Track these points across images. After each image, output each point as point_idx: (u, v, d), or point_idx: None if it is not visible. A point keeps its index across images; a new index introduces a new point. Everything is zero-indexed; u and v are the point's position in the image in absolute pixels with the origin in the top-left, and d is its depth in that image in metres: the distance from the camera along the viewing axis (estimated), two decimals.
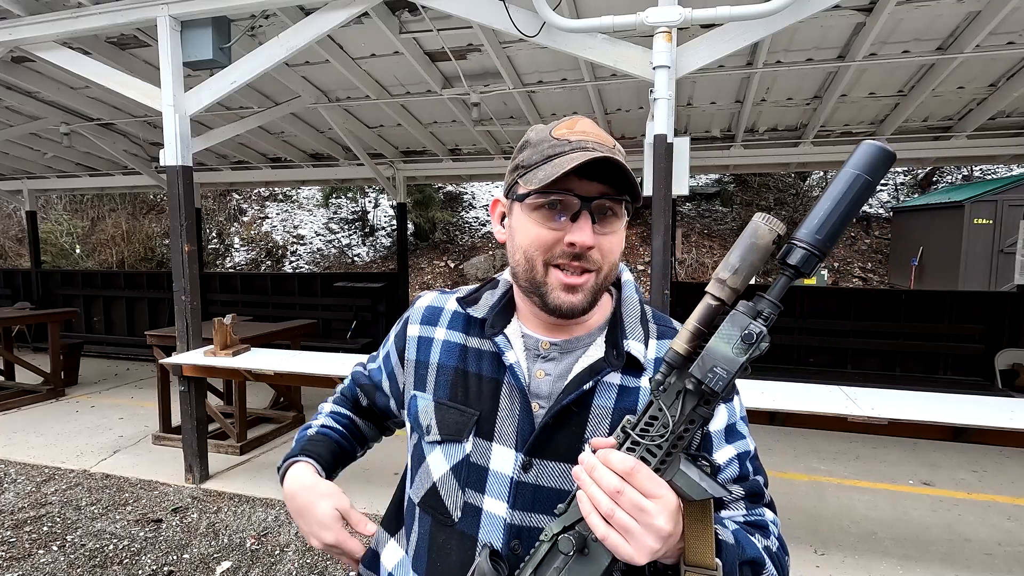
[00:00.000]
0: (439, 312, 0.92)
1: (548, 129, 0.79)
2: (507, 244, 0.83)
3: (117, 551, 3.14)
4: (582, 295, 0.77)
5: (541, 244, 0.76)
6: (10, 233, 16.10)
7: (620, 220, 0.79)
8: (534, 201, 0.76)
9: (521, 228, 0.79)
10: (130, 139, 7.23)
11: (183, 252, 3.84)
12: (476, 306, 0.88)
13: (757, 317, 0.58)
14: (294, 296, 8.29)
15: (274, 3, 3.62)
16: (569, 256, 0.76)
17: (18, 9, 3.91)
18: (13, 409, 5.66)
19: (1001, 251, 9.32)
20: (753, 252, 0.60)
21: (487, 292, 0.90)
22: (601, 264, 0.78)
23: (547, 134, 0.78)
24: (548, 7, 3.11)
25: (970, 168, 13.32)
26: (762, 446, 4.75)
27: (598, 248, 0.76)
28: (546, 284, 0.77)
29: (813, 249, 0.57)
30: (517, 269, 0.81)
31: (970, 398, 2.85)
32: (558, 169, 0.72)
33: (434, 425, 0.84)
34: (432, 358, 0.88)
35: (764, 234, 0.60)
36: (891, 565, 3.00)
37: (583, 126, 0.78)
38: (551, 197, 0.75)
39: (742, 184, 14.57)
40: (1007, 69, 4.52)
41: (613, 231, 0.78)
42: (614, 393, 0.79)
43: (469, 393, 0.83)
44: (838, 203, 0.58)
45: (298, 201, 16.61)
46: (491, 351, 0.84)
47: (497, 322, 0.85)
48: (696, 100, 5.39)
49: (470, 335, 0.87)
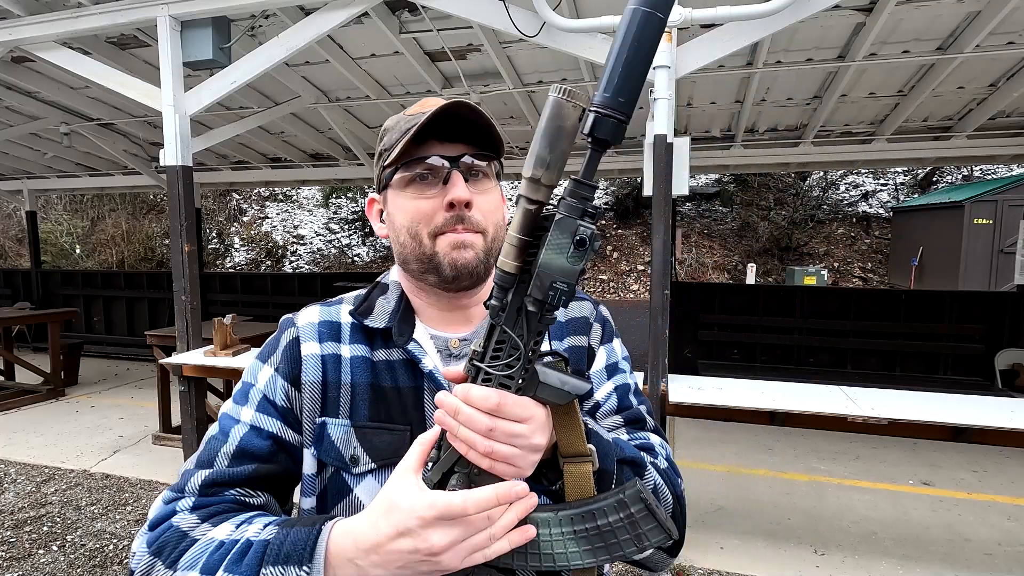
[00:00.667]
0: (338, 326, 0.82)
1: (402, 113, 0.81)
2: (390, 235, 0.82)
3: (117, 551, 3.14)
4: (473, 252, 0.76)
5: (421, 215, 0.76)
6: (10, 233, 16.10)
7: (491, 180, 0.80)
8: (403, 176, 0.77)
9: (399, 209, 0.79)
10: (130, 139, 7.23)
11: (183, 252, 3.84)
12: (372, 316, 0.81)
13: (584, 216, 0.53)
14: (294, 296, 8.29)
15: (274, 3, 3.62)
16: (453, 220, 0.75)
17: (18, 9, 3.91)
18: (13, 409, 5.66)
19: (1001, 251, 9.33)
20: (562, 138, 0.54)
21: (379, 299, 0.84)
22: (485, 225, 0.77)
23: (401, 115, 0.80)
24: (548, 7, 3.11)
25: (970, 168, 13.32)
26: (762, 446, 4.78)
27: (477, 208, 0.76)
28: (436, 253, 0.76)
29: (617, 114, 0.52)
30: (405, 252, 0.79)
31: (970, 398, 2.85)
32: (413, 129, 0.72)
33: (362, 454, 0.75)
34: (344, 378, 0.78)
35: (570, 113, 0.54)
36: (891, 565, 3.00)
37: (432, 103, 0.77)
38: (417, 169, 0.76)
39: (742, 184, 14.57)
40: (1007, 69, 4.52)
41: (486, 190, 0.78)
42: None
43: (392, 409, 0.77)
44: (627, 53, 0.51)
45: (298, 201, 16.62)
46: (402, 359, 0.79)
47: (403, 329, 0.80)
48: (696, 100, 5.39)
49: (375, 347, 0.80)
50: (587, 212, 0.53)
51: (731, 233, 13.71)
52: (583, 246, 0.53)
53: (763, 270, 12.67)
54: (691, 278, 12.42)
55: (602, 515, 0.61)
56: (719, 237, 13.62)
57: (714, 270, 12.85)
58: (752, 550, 3.07)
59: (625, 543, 0.61)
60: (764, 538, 3.21)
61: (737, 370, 6.25)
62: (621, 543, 0.61)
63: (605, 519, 0.61)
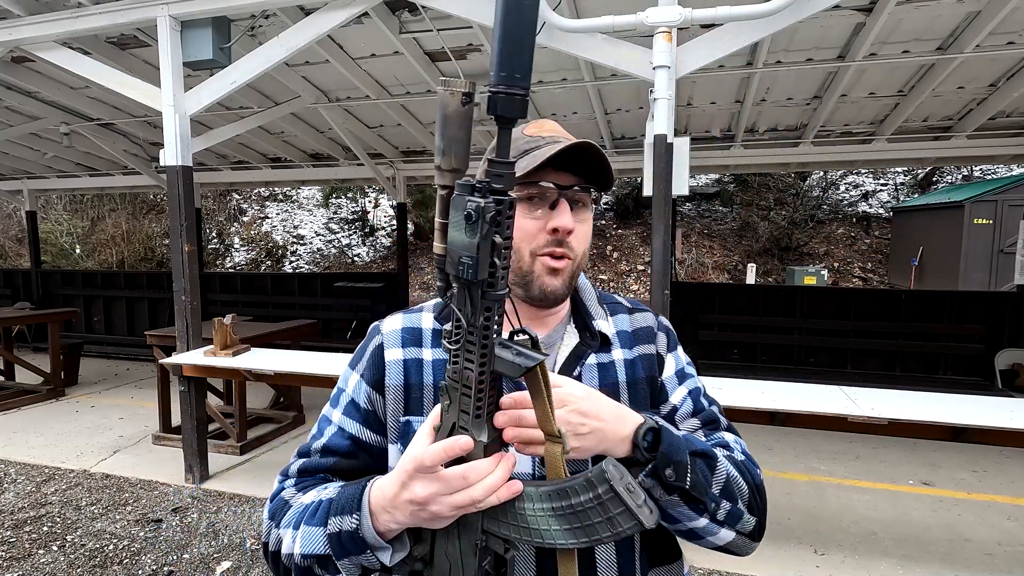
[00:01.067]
0: (419, 332, 0.90)
1: (518, 129, 0.83)
2: None
3: (117, 551, 3.14)
4: (561, 279, 0.83)
5: (525, 234, 0.81)
6: (10, 233, 16.10)
7: (589, 210, 0.86)
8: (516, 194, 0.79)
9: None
10: (130, 139, 7.23)
11: (183, 252, 3.84)
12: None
13: (474, 192, 0.56)
14: (294, 296, 8.29)
15: (274, 3, 3.62)
16: (552, 244, 0.81)
17: (18, 9, 3.91)
18: (13, 409, 5.66)
19: (1001, 251, 9.33)
20: (450, 124, 0.58)
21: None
22: (576, 251, 0.83)
23: (519, 132, 0.83)
24: (548, 7, 3.11)
25: (970, 168, 13.32)
26: (762, 446, 4.77)
27: (574, 235, 0.82)
28: (532, 272, 0.82)
29: (509, 89, 0.54)
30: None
31: (970, 398, 2.85)
32: (540, 157, 0.77)
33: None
34: (426, 379, 0.86)
35: (448, 99, 0.57)
36: (891, 565, 3.00)
37: (550, 127, 0.84)
38: (530, 190, 0.80)
39: (742, 184, 14.56)
40: (1007, 69, 4.52)
41: (584, 220, 0.84)
42: (595, 372, 0.86)
43: None
44: (514, 32, 0.53)
45: (298, 201, 16.62)
46: None
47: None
48: (696, 100, 5.39)
49: None
50: (475, 188, 0.57)
51: (731, 233, 13.71)
52: (470, 220, 0.55)
53: (763, 270, 12.67)
54: (691, 278, 12.42)
55: (574, 494, 0.63)
56: (719, 237, 13.62)
57: (714, 270, 12.86)
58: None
59: (600, 526, 0.63)
60: (764, 538, 3.20)
61: (737, 370, 6.25)
62: (596, 525, 0.63)
63: (577, 498, 0.63)
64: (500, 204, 0.56)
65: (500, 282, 0.59)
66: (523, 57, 0.54)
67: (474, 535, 0.67)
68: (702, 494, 0.74)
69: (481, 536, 0.67)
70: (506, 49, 0.53)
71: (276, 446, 4.69)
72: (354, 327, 7.92)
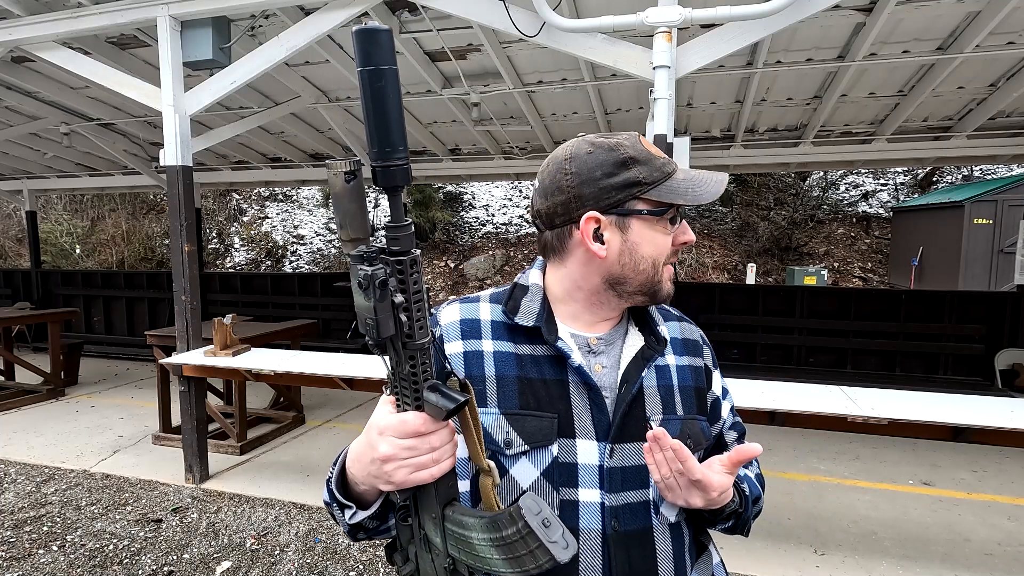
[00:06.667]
0: (477, 324, 0.91)
1: (638, 143, 0.87)
2: (612, 257, 0.87)
3: (117, 551, 3.14)
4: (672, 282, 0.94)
5: (664, 249, 0.88)
6: (10, 233, 16.10)
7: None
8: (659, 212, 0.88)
9: (648, 240, 0.87)
10: (130, 139, 7.23)
11: (183, 252, 3.84)
12: (519, 314, 0.91)
13: (363, 261, 0.60)
14: (294, 296, 8.28)
15: (274, 3, 3.62)
16: (673, 255, 0.90)
17: (18, 9, 3.91)
18: (13, 409, 5.66)
19: (1001, 251, 9.33)
20: (341, 201, 0.62)
21: (523, 299, 0.92)
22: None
23: (643, 149, 0.87)
24: (548, 7, 3.11)
25: (970, 168, 13.31)
26: (762, 446, 4.76)
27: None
28: (660, 281, 0.89)
29: (387, 164, 0.58)
30: (637, 278, 0.89)
31: (970, 398, 2.85)
32: (703, 198, 0.85)
33: (515, 438, 0.85)
34: (488, 371, 0.87)
35: (334, 180, 0.61)
36: (891, 565, 3.00)
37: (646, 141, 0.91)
38: (671, 211, 0.87)
39: (742, 184, 14.56)
40: (1007, 69, 4.52)
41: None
42: (654, 373, 0.92)
43: (539, 398, 0.86)
44: (375, 112, 0.57)
45: (298, 201, 16.62)
46: (547, 355, 0.88)
47: (550, 328, 0.89)
48: (696, 100, 5.39)
49: (518, 343, 0.89)
50: (364, 258, 0.61)
51: (731, 233, 13.71)
52: (362, 287, 0.60)
53: (763, 270, 12.67)
54: (691, 278, 12.42)
55: (504, 526, 0.66)
56: (719, 237, 13.62)
57: (714, 270, 12.85)
58: (752, 550, 3.07)
59: (526, 558, 0.65)
60: (764, 538, 3.21)
61: (737, 370, 6.20)
62: (523, 557, 0.65)
63: (506, 530, 0.65)
64: (400, 265, 0.60)
65: (418, 332, 0.63)
66: (392, 131, 0.57)
67: (442, 558, 0.71)
68: (743, 526, 0.93)
69: (448, 559, 0.70)
70: (374, 127, 0.57)
71: (276, 446, 4.68)
72: (354, 327, 7.87)
